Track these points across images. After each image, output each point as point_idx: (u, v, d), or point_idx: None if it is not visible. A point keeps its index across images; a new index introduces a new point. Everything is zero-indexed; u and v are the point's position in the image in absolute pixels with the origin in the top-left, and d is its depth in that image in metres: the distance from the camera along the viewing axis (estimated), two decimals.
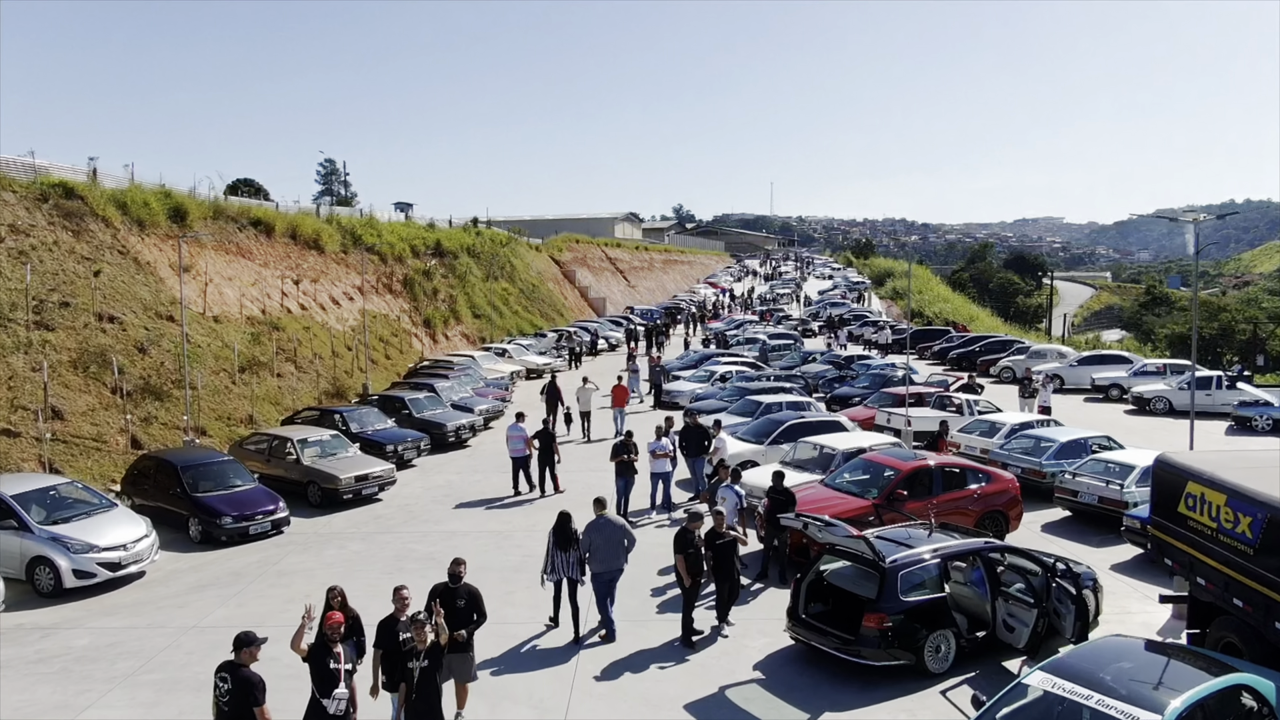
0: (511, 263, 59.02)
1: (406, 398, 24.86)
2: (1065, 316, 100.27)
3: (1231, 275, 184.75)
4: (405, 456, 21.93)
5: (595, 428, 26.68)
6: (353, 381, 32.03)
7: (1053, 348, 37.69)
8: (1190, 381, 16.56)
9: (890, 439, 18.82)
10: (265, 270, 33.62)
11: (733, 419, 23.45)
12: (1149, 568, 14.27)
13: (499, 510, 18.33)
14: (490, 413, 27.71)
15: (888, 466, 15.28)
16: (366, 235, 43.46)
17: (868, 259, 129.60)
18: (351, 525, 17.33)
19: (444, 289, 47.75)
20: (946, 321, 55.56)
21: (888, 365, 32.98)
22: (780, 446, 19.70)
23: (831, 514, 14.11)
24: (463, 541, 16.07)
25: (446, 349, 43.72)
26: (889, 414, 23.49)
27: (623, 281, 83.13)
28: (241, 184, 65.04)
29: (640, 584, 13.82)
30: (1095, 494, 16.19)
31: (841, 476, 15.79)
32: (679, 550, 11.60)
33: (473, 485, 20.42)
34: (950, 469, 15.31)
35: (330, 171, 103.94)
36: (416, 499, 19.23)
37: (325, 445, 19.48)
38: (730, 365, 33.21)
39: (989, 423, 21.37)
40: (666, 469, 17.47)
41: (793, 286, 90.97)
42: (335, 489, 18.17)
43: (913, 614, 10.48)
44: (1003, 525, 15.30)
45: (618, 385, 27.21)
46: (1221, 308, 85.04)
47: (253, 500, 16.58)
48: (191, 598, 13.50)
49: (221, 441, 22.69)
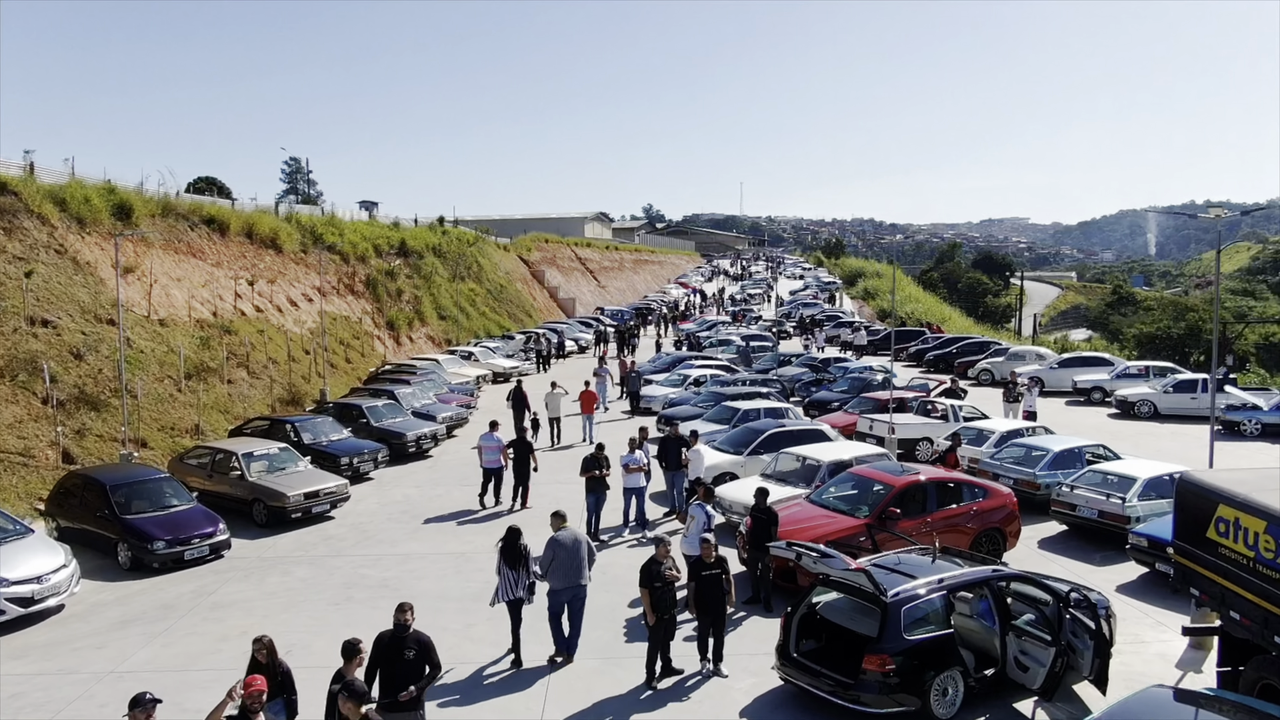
0: (479, 262, 57.61)
1: (364, 405, 23.49)
2: (1035, 316, 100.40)
3: (1194, 275, 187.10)
4: (361, 469, 20.59)
5: (563, 434, 25.55)
6: (310, 387, 30.57)
7: (1031, 349, 37.01)
8: (1211, 390, 15.65)
9: (876, 449, 17.76)
10: (218, 270, 32.04)
11: (708, 426, 22.36)
12: (1158, 589, 13.36)
13: (461, 528, 17.06)
14: (454, 420, 26.40)
15: (878, 481, 14.24)
16: (327, 234, 41.93)
17: (838, 259, 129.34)
18: (299, 547, 15.98)
19: (408, 290, 46.28)
20: (920, 322, 54.87)
21: (866, 368, 32.05)
22: (760, 457, 18.62)
23: (819, 534, 13.10)
24: (420, 565, 14.82)
25: (411, 352, 42.29)
26: (871, 420, 22.49)
27: (593, 282, 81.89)
28: (204, 182, 63.17)
29: (612, 614, 12.65)
30: (1095, 508, 15.26)
31: (828, 492, 14.73)
32: (644, 584, 10.41)
33: (433, 500, 19.13)
34: (945, 484, 14.31)
35: (295, 170, 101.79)
36: (372, 517, 17.91)
37: (273, 459, 18.10)
38: (704, 369, 32.16)
39: (976, 430, 20.45)
40: (640, 484, 16.31)
41: (764, 287, 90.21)
42: (282, 507, 16.81)
43: (917, 653, 9.41)
44: (1000, 543, 14.33)
45: (585, 390, 26.10)
46: (1189, 308, 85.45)
47: (189, 522, 15.18)
48: (113, 636, 12.13)
49: (164, 454, 21.21)
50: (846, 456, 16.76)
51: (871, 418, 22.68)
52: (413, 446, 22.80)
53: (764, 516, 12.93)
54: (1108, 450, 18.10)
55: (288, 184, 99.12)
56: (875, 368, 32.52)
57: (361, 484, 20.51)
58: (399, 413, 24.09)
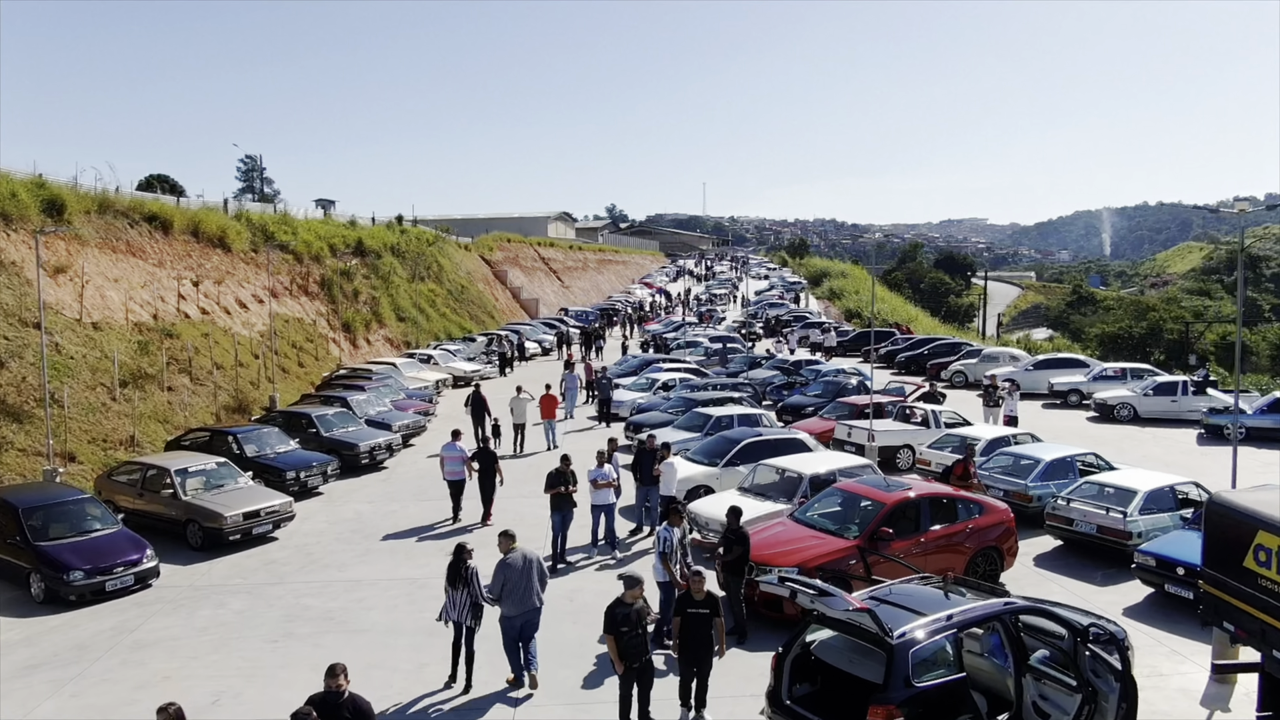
0: (439, 262, 56.03)
1: (313, 414, 22.04)
2: (999, 316, 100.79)
3: (1148, 275, 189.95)
4: (309, 484, 19.18)
5: (527, 441, 24.37)
6: (259, 394, 28.99)
7: (1005, 350, 36.40)
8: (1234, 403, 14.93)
9: (860, 460, 16.75)
10: (160, 271, 30.30)
11: (679, 434, 21.29)
12: (1167, 611, 12.48)
13: (416, 549, 15.76)
14: (411, 429, 25.00)
15: (866, 498, 13.21)
16: (280, 233, 40.21)
17: (803, 259, 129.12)
18: (237, 573, 14.59)
19: (365, 290, 44.66)
20: (889, 323, 54.26)
21: (839, 371, 31.16)
22: (737, 469, 17.54)
23: (806, 557, 12.06)
24: (369, 593, 13.51)
25: (368, 355, 40.73)
26: (850, 427, 21.53)
27: (556, 282, 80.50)
28: (156, 180, 60.87)
29: (581, 649, 11.47)
30: (1094, 523, 14.37)
31: (813, 510, 13.68)
32: (610, 629, 9.18)
33: (387, 517, 17.80)
34: (938, 500, 13.31)
35: (251, 168, 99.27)
36: (319, 537, 16.53)
37: (211, 475, 16.66)
38: (673, 372, 31.06)
39: (959, 438, 19.53)
40: (609, 500, 15.13)
41: (730, 287, 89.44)
42: (219, 529, 15.39)
43: (927, 701, 8.33)
44: (998, 563, 13.38)
45: (546, 395, 24.94)
46: (1150, 307, 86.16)
47: (112, 549, 13.73)
48: (16, 684, 10.70)
49: (95, 469, 19.64)
50: (829, 469, 15.74)
51: (850, 424, 21.72)
52: (366, 458, 21.42)
53: (734, 539, 11.80)
54: (1100, 459, 17.28)
55: (244, 182, 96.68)
56: (848, 370, 31.69)
57: (310, 499, 19.12)
58: (351, 421, 22.68)
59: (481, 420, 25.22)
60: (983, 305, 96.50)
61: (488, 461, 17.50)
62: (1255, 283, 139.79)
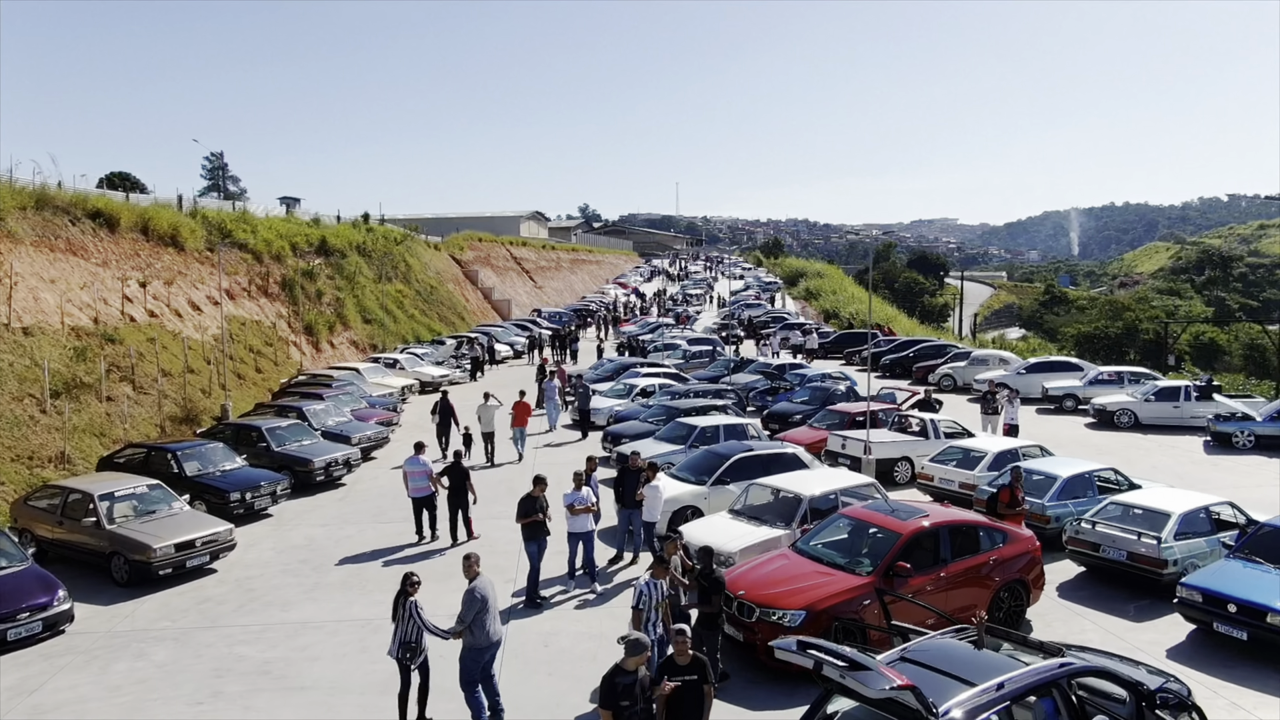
0: (407, 262, 54.13)
1: (264, 427, 20.25)
2: (975, 316, 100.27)
3: (1116, 275, 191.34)
4: (257, 506, 17.43)
5: (497, 451, 22.82)
6: (210, 403, 27.09)
7: (994, 353, 35.17)
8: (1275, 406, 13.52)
9: (863, 479, 15.29)
10: (104, 271, 28.30)
11: (662, 447, 19.78)
12: (1219, 654, 11.11)
13: (373, 581, 14.08)
14: (372, 441, 23.27)
15: (878, 526, 11.75)
16: (238, 231, 38.24)
17: (778, 258, 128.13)
18: (165, 615, 12.85)
19: (330, 291, 42.73)
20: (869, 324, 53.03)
21: (825, 375, 29.79)
22: (726, 488, 16.03)
23: (814, 599, 10.56)
24: (315, 639, 11.85)
25: (332, 359, 38.86)
26: (843, 438, 20.11)
27: (529, 282, 78.69)
28: (117, 177, 58.47)
29: (557, 708, 9.88)
30: (1124, 549, 13.02)
31: (817, 539, 12.20)
32: (607, 703, 7.56)
33: (341, 543, 16.10)
34: (959, 527, 11.87)
35: (217, 166, 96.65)
36: (264, 568, 14.81)
37: (141, 500, 14.88)
38: (652, 377, 29.53)
39: (962, 450, 18.17)
40: (587, 527, 13.54)
41: (705, 287, 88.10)
42: (147, 562, 13.63)
43: None
44: (1024, 597, 11.97)
45: (519, 401, 23.40)
46: (1126, 307, 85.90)
47: (17, 591, 11.92)
48: None
49: (17, 489, 17.78)
50: (829, 489, 14.28)
51: (843, 435, 20.29)
52: (321, 475, 19.68)
53: (706, 584, 10.09)
54: (1119, 475, 15.95)
55: (209, 180, 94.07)
56: (834, 374, 30.34)
57: (257, 522, 17.38)
58: (306, 434, 20.90)
59: (448, 430, 23.65)
60: (959, 305, 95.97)
61: (459, 477, 15.97)
62: (1224, 283, 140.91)
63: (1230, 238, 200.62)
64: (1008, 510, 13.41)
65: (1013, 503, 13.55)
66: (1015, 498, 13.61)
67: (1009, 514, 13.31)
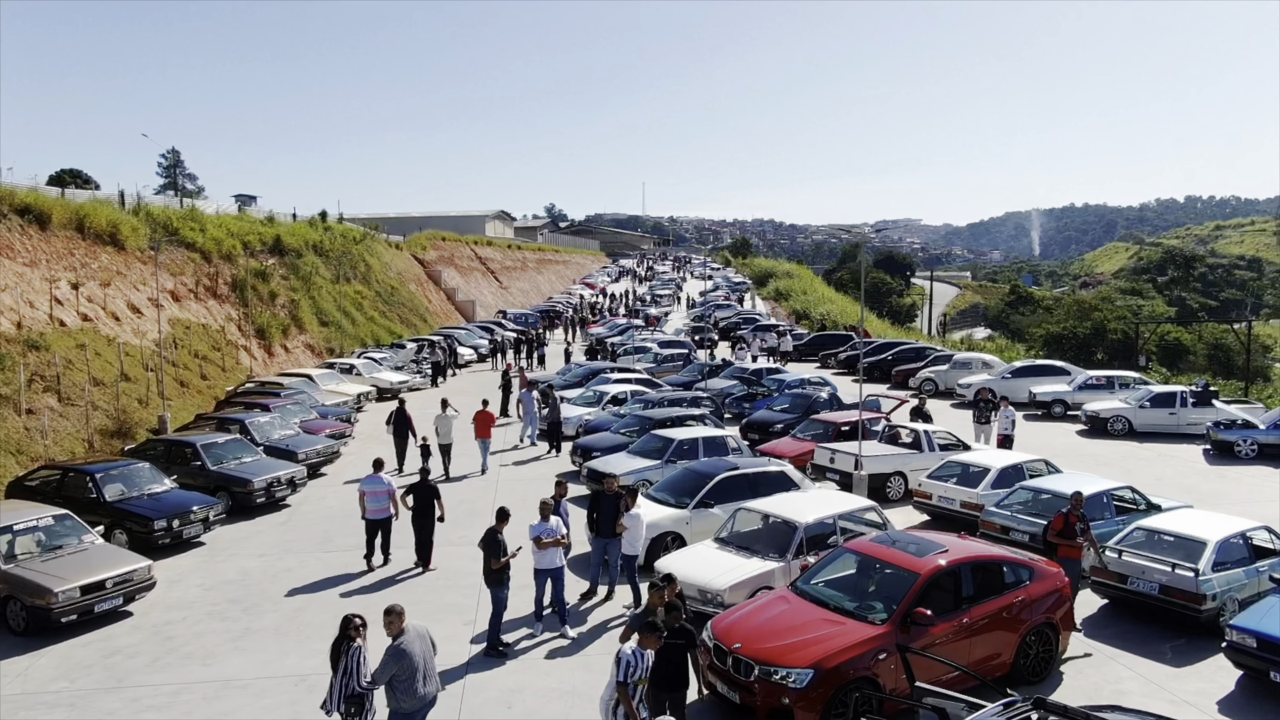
0: (366, 262, 52.10)
1: (199, 443, 18.38)
2: (945, 316, 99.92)
3: (1078, 275, 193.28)
4: (186, 534, 15.62)
5: (455, 464, 21.21)
6: (147, 414, 25.10)
7: (977, 356, 34.01)
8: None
9: (863, 501, 13.82)
10: (31, 271, 26.20)
11: (636, 462, 18.24)
12: (1275, 705, 9.80)
13: (313, 624, 12.35)
14: (321, 456, 21.44)
15: (891, 564, 10.28)
16: (185, 229, 36.15)
17: (746, 258, 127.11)
18: (63, 672, 11.04)
19: (284, 292, 40.69)
20: (846, 326, 51.95)
21: (805, 380, 28.42)
22: (710, 511, 14.54)
23: (823, 653, 9.07)
24: (239, 701, 10.14)
25: (287, 363, 36.85)
26: (831, 452, 18.71)
27: (494, 283, 76.75)
28: (67, 174, 55.95)
29: None
30: (1156, 582, 11.69)
31: (819, 578, 10.72)
32: None
33: (281, 576, 14.35)
34: (981, 564, 10.43)
35: (173, 164, 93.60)
36: (188, 609, 13.03)
37: (46, 534, 13.02)
38: (623, 384, 27.97)
39: (962, 465, 16.80)
40: (557, 563, 11.92)
41: (673, 287, 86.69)
42: (47, 608, 11.80)
43: None
44: (1053, 642, 10.56)
45: (482, 411, 21.80)
46: (1094, 307, 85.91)
47: None
48: None
49: None
50: (826, 514, 12.82)
51: (831, 448, 18.89)
52: (262, 496, 17.85)
53: (681, 642, 8.48)
54: (1138, 494, 14.67)
55: (165, 178, 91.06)
56: (814, 379, 28.99)
57: (186, 553, 15.56)
58: (246, 450, 19.05)
59: (406, 442, 21.97)
60: (929, 305, 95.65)
61: (426, 496, 14.36)
62: (1184, 283, 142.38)
63: (1188, 238, 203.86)
64: (1060, 540, 11.86)
65: (1067, 531, 11.90)
66: (1070, 526, 11.90)
67: (1063, 545, 11.78)
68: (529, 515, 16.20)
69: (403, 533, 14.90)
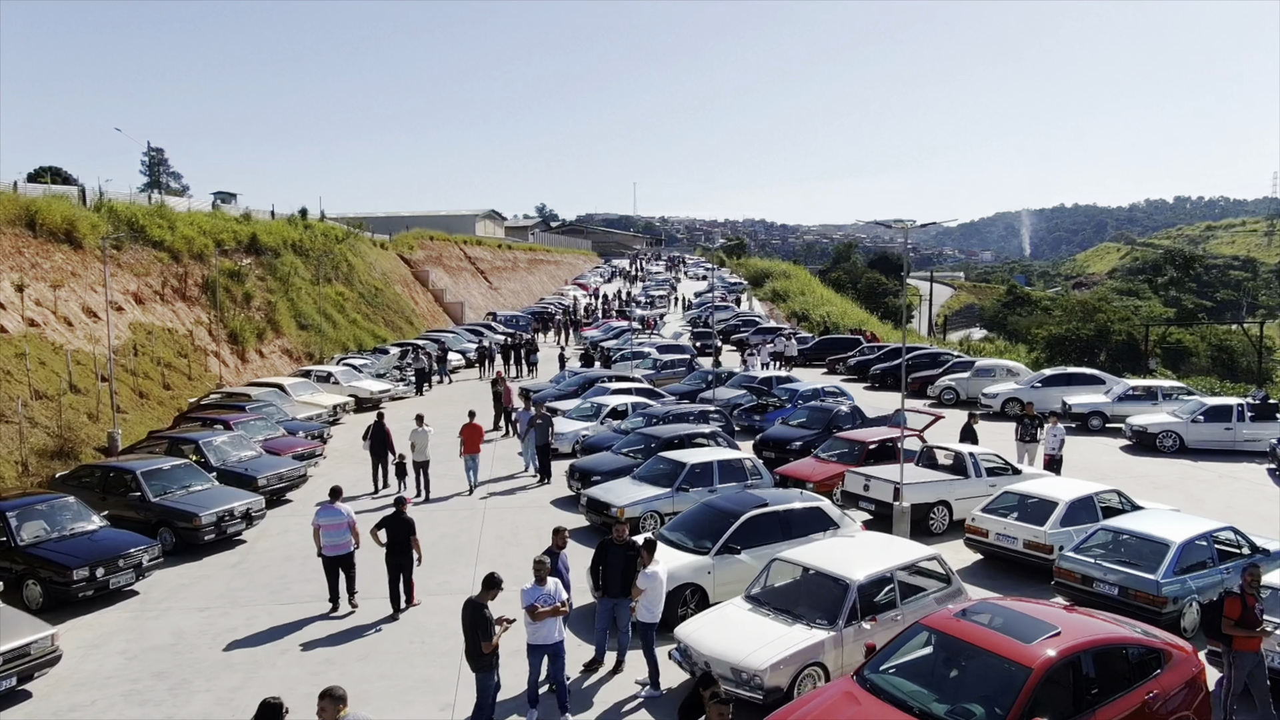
0: (349, 261, 49.66)
1: (139, 470, 15.95)
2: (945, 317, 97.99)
3: (1069, 275, 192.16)
4: (114, 583, 13.22)
5: (438, 484, 19.00)
6: (97, 430, 22.68)
7: (1000, 363, 31.74)
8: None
9: (923, 549, 11.46)
10: None
11: (643, 490, 15.98)
12: None
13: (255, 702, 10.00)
14: (285, 481, 18.99)
15: (989, 652, 7.98)
16: (152, 227, 33.71)
17: (741, 258, 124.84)
18: None
19: (260, 294, 38.24)
20: (851, 329, 49.76)
21: (821, 391, 26.16)
22: (736, 558, 12.23)
23: None
24: None
25: (262, 370, 34.47)
26: (865, 478, 16.42)
27: (484, 283, 74.30)
28: (46, 172, 53.50)
29: None
30: None
31: (890, 664, 8.41)
32: None
33: (222, 637, 11.97)
34: (1106, 650, 8.13)
35: (157, 162, 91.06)
36: (100, 690, 10.62)
37: None
38: (623, 394, 25.64)
39: (1021, 497, 14.47)
40: (555, 637, 9.55)
41: (668, 288, 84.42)
42: None
43: None
44: None
45: (469, 424, 19.51)
46: (1096, 308, 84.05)
47: None
48: None
49: None
50: (882, 569, 10.52)
51: (865, 473, 16.59)
52: (211, 532, 15.44)
53: None
54: (1239, 535, 12.40)
55: (148, 176, 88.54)
56: (831, 390, 26.74)
57: (113, 607, 13.15)
58: (196, 477, 16.63)
59: (385, 459, 19.70)
60: (928, 306, 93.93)
61: (401, 531, 12.16)
62: (1181, 284, 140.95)
63: (1179, 238, 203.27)
64: (1237, 631, 8.95)
65: (1245, 620, 8.94)
66: (1251, 610, 8.97)
67: (1240, 636, 8.97)
68: (520, 555, 13.97)
69: (372, 574, 12.64)
